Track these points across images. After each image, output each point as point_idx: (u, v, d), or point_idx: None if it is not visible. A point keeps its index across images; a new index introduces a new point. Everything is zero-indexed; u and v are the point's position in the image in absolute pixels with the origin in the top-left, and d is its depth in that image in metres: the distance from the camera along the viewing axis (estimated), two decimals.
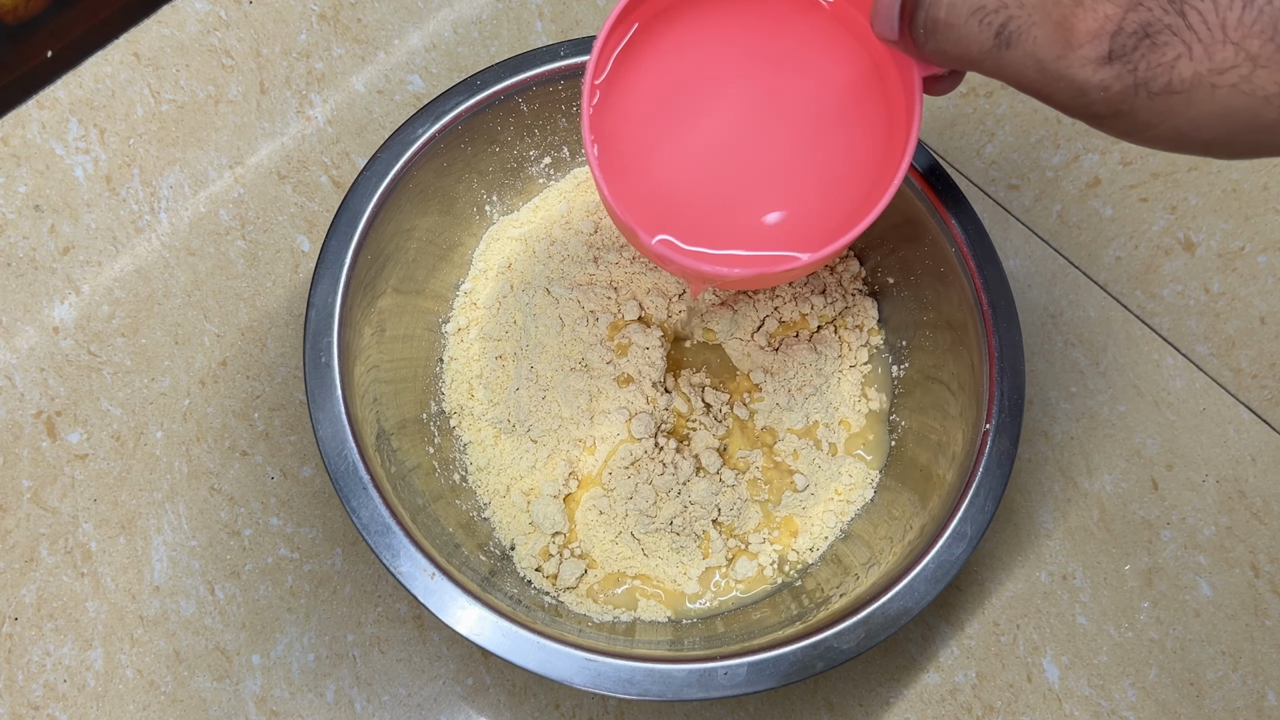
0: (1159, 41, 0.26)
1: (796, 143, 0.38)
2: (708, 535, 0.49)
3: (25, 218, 0.54)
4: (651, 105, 0.38)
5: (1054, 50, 0.27)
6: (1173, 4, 0.26)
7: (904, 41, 0.32)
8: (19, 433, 0.51)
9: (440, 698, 0.48)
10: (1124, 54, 0.26)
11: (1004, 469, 0.43)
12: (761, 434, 0.51)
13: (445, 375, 0.51)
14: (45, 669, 0.48)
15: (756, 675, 0.40)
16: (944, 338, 0.48)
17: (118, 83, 0.56)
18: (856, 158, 0.38)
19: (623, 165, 0.37)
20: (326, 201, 0.56)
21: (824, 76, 0.38)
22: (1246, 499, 0.52)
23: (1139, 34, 0.26)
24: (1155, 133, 0.27)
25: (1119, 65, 0.26)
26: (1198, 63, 0.25)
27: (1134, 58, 0.26)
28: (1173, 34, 0.26)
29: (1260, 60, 0.25)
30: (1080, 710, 0.49)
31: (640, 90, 0.38)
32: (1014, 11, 0.28)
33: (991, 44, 0.28)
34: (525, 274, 0.52)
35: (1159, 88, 0.26)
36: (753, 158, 0.38)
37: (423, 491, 0.46)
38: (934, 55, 0.30)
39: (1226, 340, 0.55)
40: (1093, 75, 0.26)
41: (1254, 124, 0.26)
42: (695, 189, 0.38)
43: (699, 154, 0.38)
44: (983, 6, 0.28)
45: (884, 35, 0.33)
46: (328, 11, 0.58)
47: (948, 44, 0.29)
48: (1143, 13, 0.26)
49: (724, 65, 0.38)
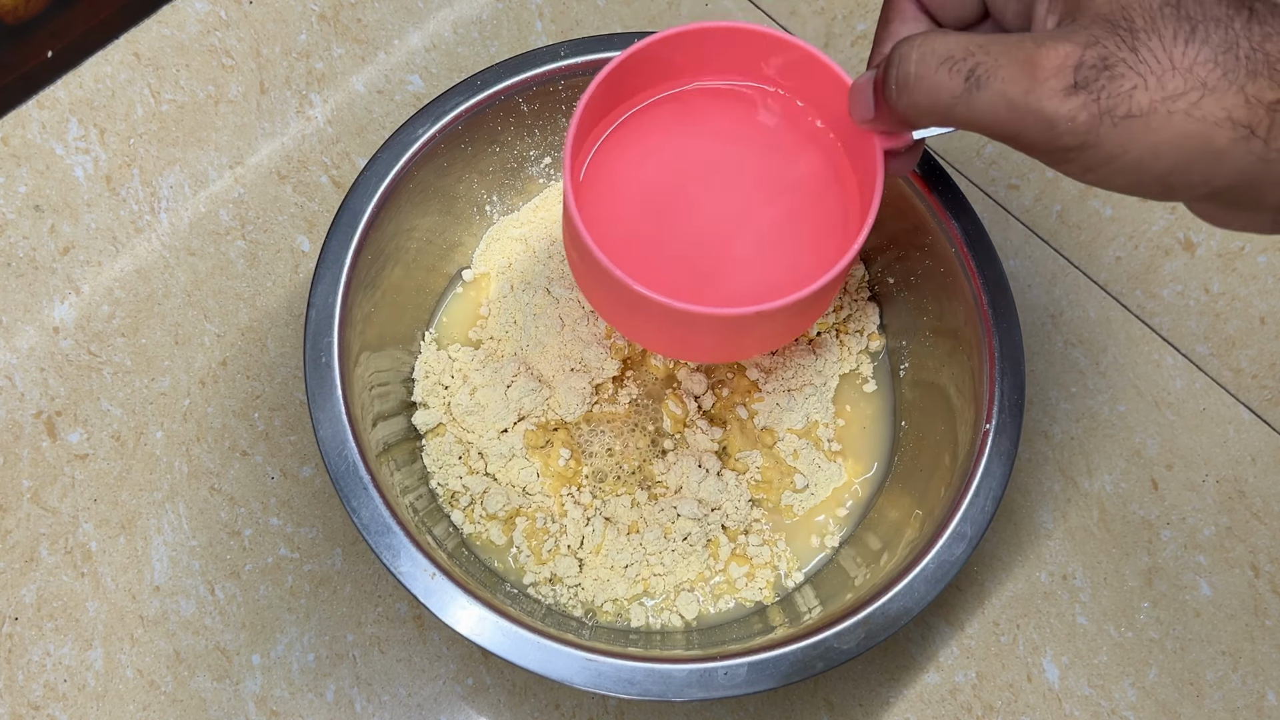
0: (1116, 73, 0.28)
1: (758, 227, 0.40)
2: (710, 538, 0.49)
3: (25, 218, 0.54)
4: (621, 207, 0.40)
5: (1021, 86, 0.28)
6: (1125, 41, 0.28)
7: (879, 114, 0.34)
8: (19, 433, 0.51)
9: (440, 698, 0.48)
10: (1087, 84, 0.28)
11: (1004, 469, 0.43)
12: (761, 434, 0.51)
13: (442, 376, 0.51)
14: (45, 669, 0.48)
15: (756, 675, 0.40)
16: (944, 338, 0.48)
17: (118, 83, 0.56)
18: (816, 237, 0.39)
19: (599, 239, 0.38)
20: (326, 201, 0.56)
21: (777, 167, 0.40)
22: (1246, 499, 0.52)
23: (1098, 66, 0.28)
24: (1118, 164, 0.29)
25: (1084, 95, 0.28)
26: (1152, 91, 0.27)
27: (1095, 87, 0.28)
28: (1128, 66, 0.28)
29: (1209, 87, 0.27)
30: (1080, 710, 0.49)
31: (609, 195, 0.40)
32: (980, 57, 0.29)
33: (962, 89, 0.30)
34: (525, 274, 0.52)
35: (1121, 114, 0.28)
36: (718, 244, 0.40)
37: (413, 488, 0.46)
38: (908, 110, 0.32)
39: (1226, 340, 0.55)
40: (1060, 106, 0.28)
41: (1207, 149, 0.28)
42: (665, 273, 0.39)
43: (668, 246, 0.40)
44: (950, 56, 0.30)
45: (861, 116, 0.35)
46: (328, 11, 0.58)
47: (920, 95, 0.31)
48: (1099, 49, 0.28)
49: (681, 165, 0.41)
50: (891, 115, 0.33)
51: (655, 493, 0.49)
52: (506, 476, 0.49)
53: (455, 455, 0.49)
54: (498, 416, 0.49)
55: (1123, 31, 0.28)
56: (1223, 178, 0.28)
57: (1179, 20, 0.28)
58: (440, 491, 0.49)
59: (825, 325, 0.52)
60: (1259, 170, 0.28)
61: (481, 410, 0.49)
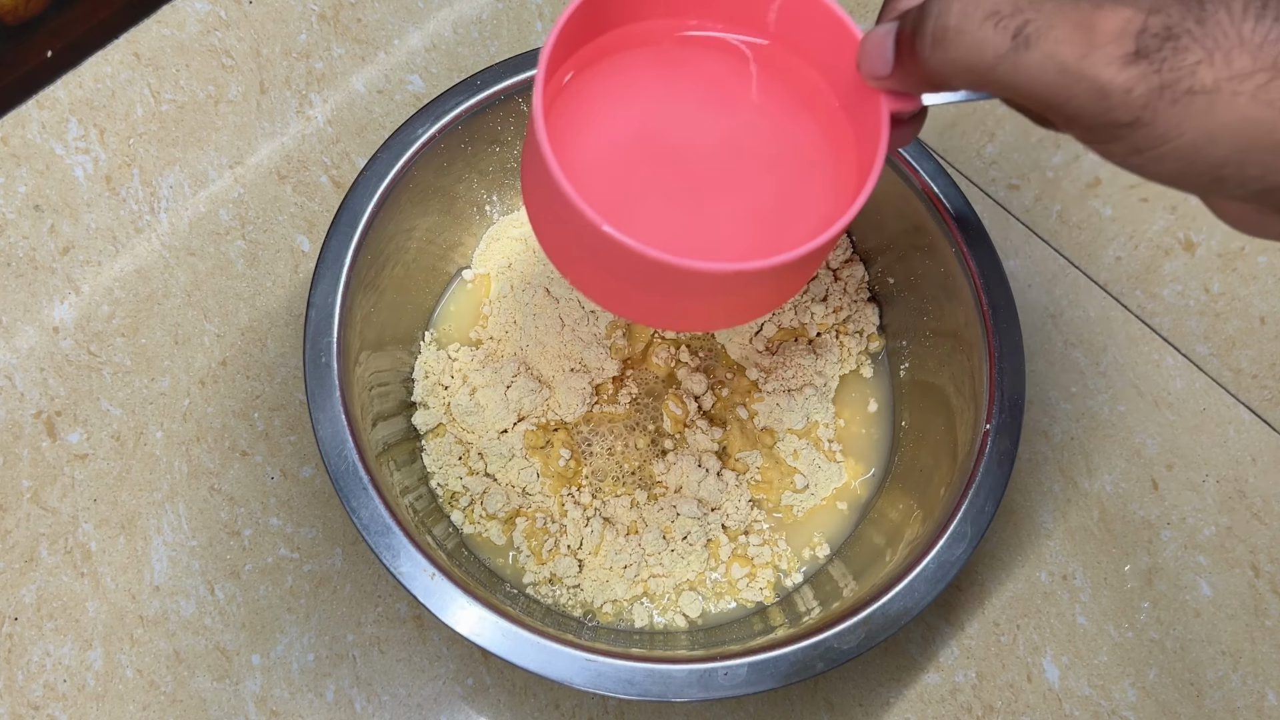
0: (1181, 45, 0.25)
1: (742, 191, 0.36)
2: (711, 537, 0.49)
3: (25, 218, 0.54)
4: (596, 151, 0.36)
5: (1076, 50, 0.26)
6: (1190, 11, 0.25)
7: (899, 70, 0.31)
8: (19, 433, 0.51)
9: (440, 698, 0.48)
10: (1149, 54, 0.25)
11: (1004, 469, 0.43)
12: (761, 434, 0.50)
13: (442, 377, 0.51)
14: (45, 669, 0.48)
15: (756, 675, 0.40)
16: (944, 338, 0.48)
17: (118, 83, 0.56)
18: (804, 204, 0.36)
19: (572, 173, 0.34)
20: (326, 201, 0.56)
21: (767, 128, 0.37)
22: (1246, 499, 0.52)
23: (1162, 35, 0.25)
24: (1170, 148, 0.26)
25: (1144, 65, 0.25)
26: (1218, 69, 0.25)
27: (1158, 58, 0.25)
28: (1193, 39, 0.25)
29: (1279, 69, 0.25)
30: (1080, 710, 0.49)
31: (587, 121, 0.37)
32: (1030, 15, 0.27)
33: (1008, 47, 0.27)
34: (525, 274, 0.52)
35: (1183, 89, 0.25)
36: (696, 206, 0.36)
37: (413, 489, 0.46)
38: (942, 66, 0.29)
39: (1226, 340, 0.55)
40: (1117, 75, 0.26)
41: (1270, 140, 0.25)
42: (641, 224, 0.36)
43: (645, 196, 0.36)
44: (997, 11, 0.27)
45: (874, 72, 0.32)
46: (328, 11, 0.58)
47: (960, 51, 0.28)
48: (1164, 16, 0.26)
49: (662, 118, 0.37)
50: (917, 72, 0.30)
51: (655, 493, 0.49)
52: (506, 477, 0.49)
53: (455, 455, 0.49)
54: (498, 417, 0.49)
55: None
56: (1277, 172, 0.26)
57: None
58: (440, 492, 0.49)
59: (825, 326, 0.52)
60: None
61: (481, 410, 0.49)
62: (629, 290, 0.36)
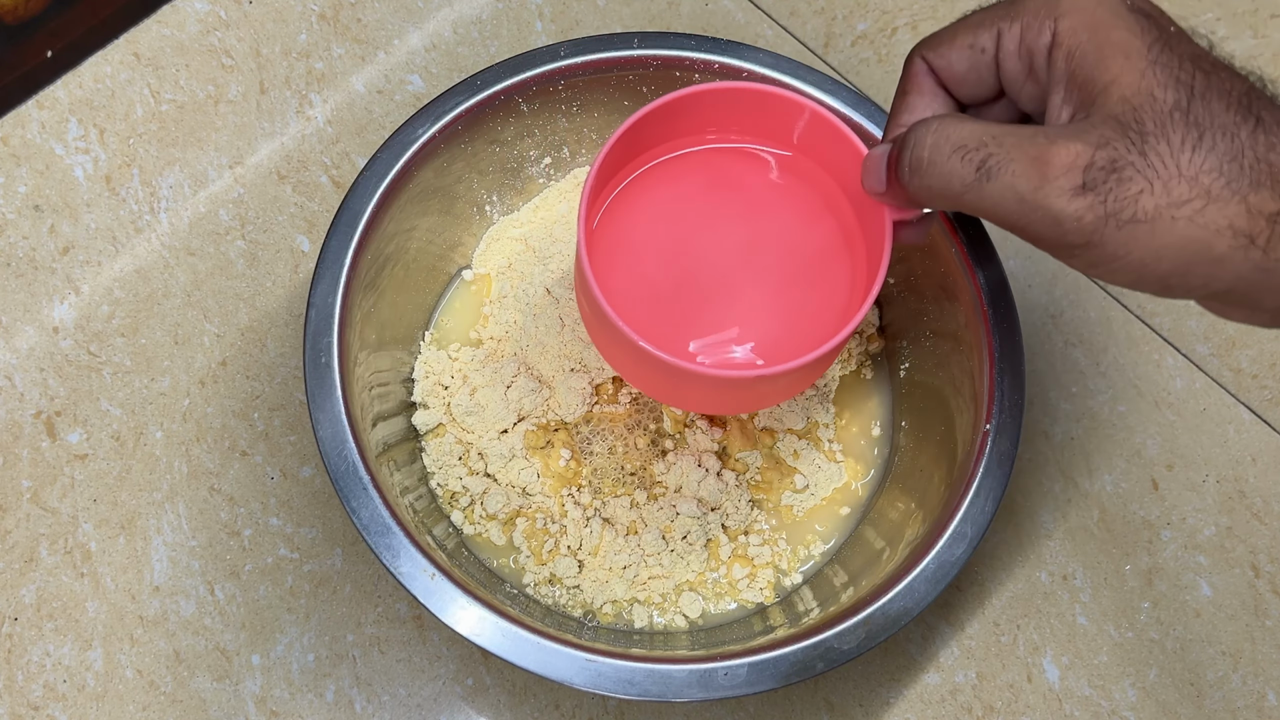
0: (1125, 176, 0.28)
1: (766, 287, 0.41)
2: (710, 537, 0.49)
3: (25, 218, 0.54)
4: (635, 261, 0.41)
5: (1031, 182, 0.29)
6: (1134, 145, 0.28)
7: (890, 189, 0.34)
8: (19, 433, 0.51)
9: (440, 698, 0.48)
10: (1095, 186, 0.28)
11: (1004, 469, 0.43)
12: (761, 434, 0.50)
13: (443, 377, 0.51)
14: (45, 669, 0.48)
15: (757, 676, 0.40)
16: (944, 339, 0.48)
17: (118, 83, 0.56)
18: (823, 299, 0.40)
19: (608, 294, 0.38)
20: (326, 201, 0.56)
21: (789, 229, 0.41)
22: (1246, 499, 0.52)
23: (1107, 168, 0.28)
24: (1121, 264, 0.29)
25: (1091, 196, 0.28)
26: (1158, 196, 0.28)
27: (1103, 190, 0.28)
28: (1136, 170, 0.28)
29: (1212, 195, 0.28)
30: (1080, 710, 0.49)
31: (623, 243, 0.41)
32: (993, 149, 0.30)
33: (973, 178, 0.30)
34: (525, 274, 0.52)
35: (1126, 218, 0.28)
36: (725, 301, 0.41)
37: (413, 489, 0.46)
38: (918, 192, 0.32)
39: (1226, 340, 0.55)
40: (1068, 205, 0.29)
41: (1207, 256, 0.28)
42: (671, 326, 0.40)
43: (676, 301, 0.40)
44: (964, 145, 0.30)
45: (873, 188, 0.35)
46: (328, 11, 0.58)
47: (931, 180, 0.31)
48: (1110, 151, 0.28)
49: (694, 221, 0.41)
50: (902, 193, 0.34)
51: (655, 493, 0.49)
52: (506, 477, 0.49)
53: (455, 456, 0.49)
54: (498, 417, 0.49)
55: (1133, 134, 0.28)
56: (1221, 282, 0.29)
57: (1188, 126, 0.28)
58: (440, 492, 0.49)
59: None
60: (1257, 277, 0.28)
61: (481, 411, 0.49)
62: (664, 383, 0.41)
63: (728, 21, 0.60)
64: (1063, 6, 0.31)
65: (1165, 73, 0.29)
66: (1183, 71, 0.29)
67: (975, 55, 0.34)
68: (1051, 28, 0.31)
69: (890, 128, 0.36)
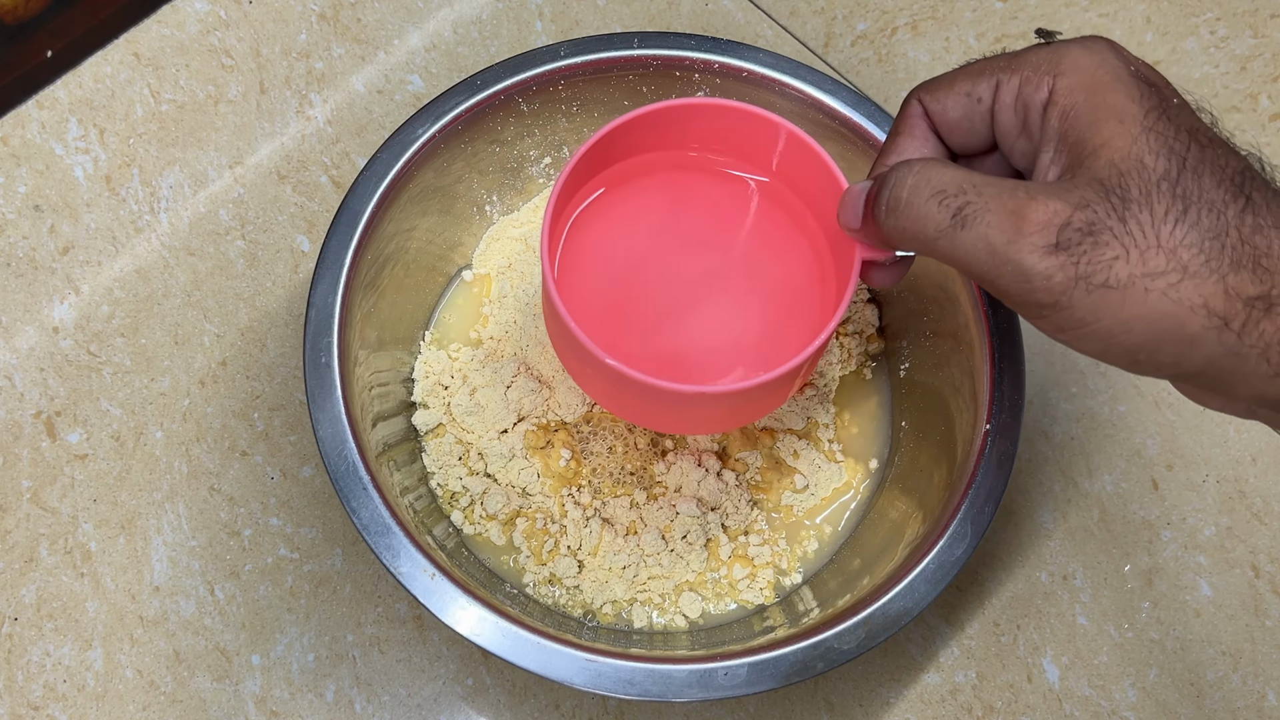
0: (1100, 240, 0.28)
1: (729, 310, 0.40)
2: (710, 537, 0.49)
3: (25, 218, 0.54)
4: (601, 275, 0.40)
5: (1005, 235, 0.28)
6: (1115, 210, 0.28)
7: (865, 227, 0.34)
8: (19, 433, 0.51)
9: (440, 698, 0.48)
10: (1069, 246, 0.28)
11: (1004, 469, 0.43)
12: (761, 434, 0.50)
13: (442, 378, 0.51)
14: (45, 669, 0.48)
15: (757, 676, 0.40)
16: (944, 339, 0.48)
17: (118, 83, 0.56)
18: (789, 329, 0.40)
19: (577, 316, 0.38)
20: (326, 201, 0.56)
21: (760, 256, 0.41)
22: (1246, 499, 0.52)
23: (1084, 230, 0.28)
24: (1088, 330, 0.29)
25: (1063, 256, 0.28)
26: (1133, 265, 0.27)
27: (1077, 251, 0.28)
28: (1113, 236, 0.27)
29: (1190, 271, 0.27)
30: (1080, 710, 0.49)
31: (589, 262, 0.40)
32: (971, 198, 0.29)
33: (947, 224, 0.30)
34: (525, 274, 0.52)
35: (1097, 283, 0.28)
36: (688, 327, 0.40)
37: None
38: (892, 232, 0.32)
39: None
40: (1038, 263, 0.28)
41: (1179, 334, 0.27)
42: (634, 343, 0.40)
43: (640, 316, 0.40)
44: (943, 190, 0.30)
45: (847, 224, 0.35)
46: (328, 11, 0.58)
47: (906, 221, 0.31)
48: (1089, 213, 0.28)
49: (660, 240, 0.41)
50: (876, 232, 0.33)
51: (654, 493, 0.49)
52: (506, 477, 0.49)
53: (455, 456, 0.49)
54: (498, 417, 0.49)
55: (1115, 199, 0.28)
56: (1192, 363, 0.28)
57: (1174, 198, 0.27)
58: (440, 492, 0.49)
59: None
60: (1229, 363, 0.28)
61: (481, 411, 0.49)
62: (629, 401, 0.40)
63: (728, 21, 0.60)
64: (1063, 65, 0.30)
65: (1159, 141, 0.28)
66: (1177, 142, 0.28)
67: (971, 104, 0.33)
68: (1049, 85, 0.31)
69: (876, 166, 0.35)
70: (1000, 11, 0.60)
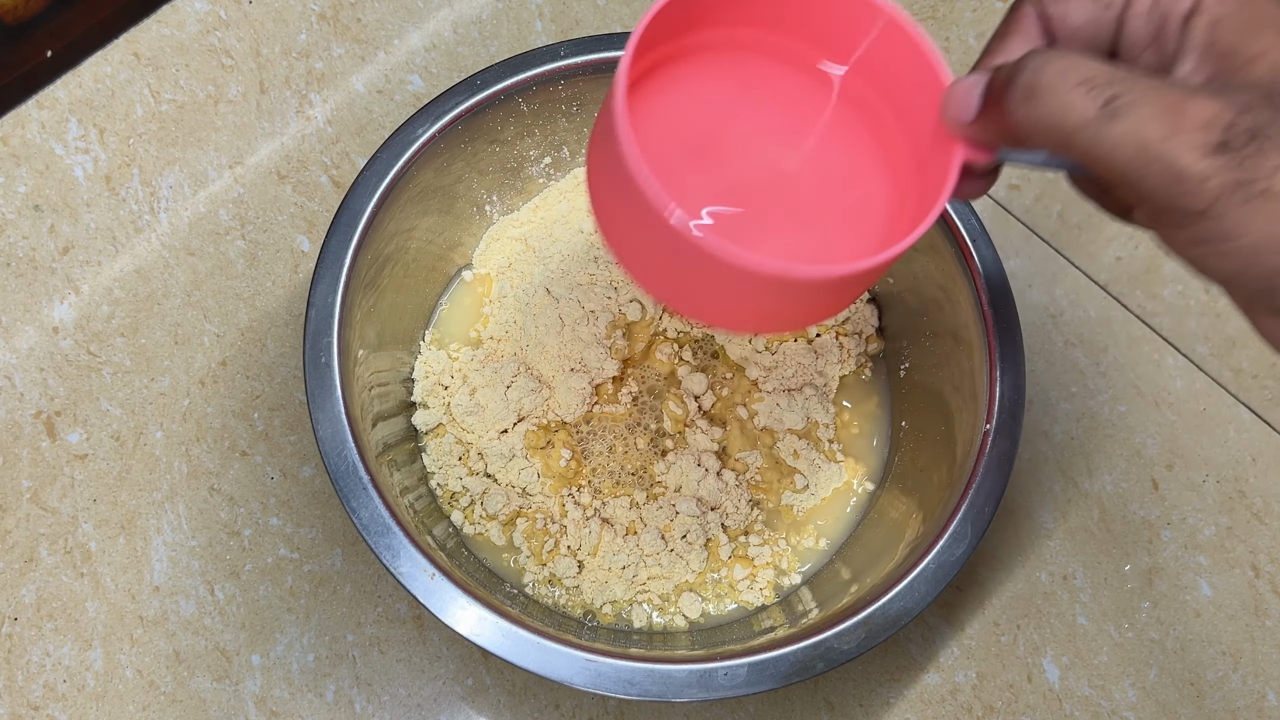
0: (1266, 147, 0.26)
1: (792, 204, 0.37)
2: (710, 536, 0.49)
3: (25, 218, 0.54)
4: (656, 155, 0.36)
5: (1161, 130, 0.26)
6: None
7: (982, 120, 0.31)
8: (19, 433, 0.51)
9: (440, 698, 0.48)
10: (1233, 148, 0.26)
11: (1004, 469, 0.43)
12: (761, 434, 0.50)
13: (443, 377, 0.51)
14: (45, 669, 0.48)
15: (757, 676, 0.40)
16: (944, 339, 0.48)
17: (117, 83, 0.55)
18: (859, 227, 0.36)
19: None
20: (326, 201, 0.56)
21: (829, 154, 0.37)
22: (1246, 499, 0.52)
23: (1250, 133, 0.26)
24: (1232, 245, 0.27)
25: (1225, 158, 0.26)
26: None
27: (1241, 154, 0.26)
28: (1276, 146, 0.25)
29: None
30: (1080, 710, 0.49)
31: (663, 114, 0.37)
32: (1122, 89, 0.27)
33: (1094, 115, 0.27)
34: (525, 274, 0.52)
35: (1257, 191, 0.25)
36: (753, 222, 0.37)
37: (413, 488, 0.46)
38: (1026, 121, 0.29)
39: (1226, 340, 0.55)
40: (1196, 162, 0.26)
41: None
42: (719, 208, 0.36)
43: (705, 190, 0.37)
44: (1091, 78, 0.28)
45: (957, 118, 0.32)
46: (328, 11, 0.58)
47: (1045, 110, 0.28)
48: (1254, 116, 0.26)
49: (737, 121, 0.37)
50: (1001, 124, 0.30)
51: (654, 493, 0.49)
52: (506, 477, 0.49)
53: (455, 456, 0.49)
54: (498, 417, 0.49)
55: None
56: None
57: None
58: (440, 492, 0.49)
59: (825, 327, 0.52)
60: None
61: (481, 411, 0.49)
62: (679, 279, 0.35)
63: None
64: None
65: None
66: None
67: (1099, 9, 0.30)
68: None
69: (983, 60, 0.32)
70: (1000, 11, 0.60)
